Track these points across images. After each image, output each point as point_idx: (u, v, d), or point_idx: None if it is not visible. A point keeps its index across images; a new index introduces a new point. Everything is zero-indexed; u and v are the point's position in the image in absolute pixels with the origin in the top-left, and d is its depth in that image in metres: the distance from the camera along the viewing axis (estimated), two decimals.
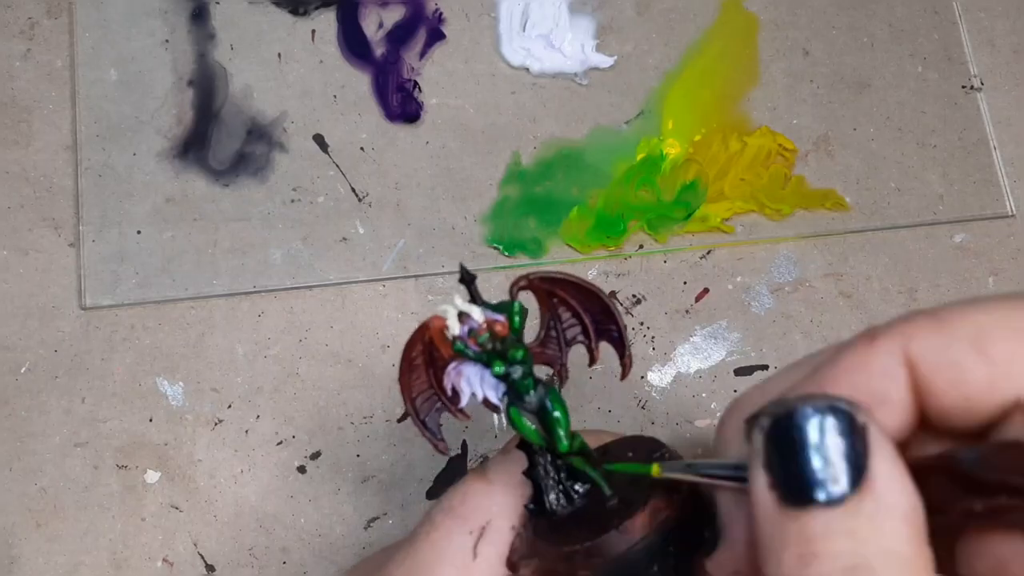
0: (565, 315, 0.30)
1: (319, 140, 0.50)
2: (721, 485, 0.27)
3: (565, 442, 0.28)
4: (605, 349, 0.30)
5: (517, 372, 0.28)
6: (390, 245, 0.49)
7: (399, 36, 0.51)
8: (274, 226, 0.49)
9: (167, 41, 0.51)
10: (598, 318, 0.30)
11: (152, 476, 0.45)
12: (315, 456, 0.46)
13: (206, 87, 0.50)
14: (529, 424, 0.28)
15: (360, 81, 0.51)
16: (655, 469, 0.28)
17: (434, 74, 0.51)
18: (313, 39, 0.51)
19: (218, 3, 0.51)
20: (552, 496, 0.29)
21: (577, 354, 0.31)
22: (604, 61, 0.52)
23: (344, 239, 0.49)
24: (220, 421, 0.46)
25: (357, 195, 0.49)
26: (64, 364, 0.46)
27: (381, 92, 0.51)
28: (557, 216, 0.50)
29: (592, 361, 0.30)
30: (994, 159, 0.52)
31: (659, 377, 0.48)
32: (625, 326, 0.30)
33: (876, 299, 0.49)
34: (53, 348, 0.47)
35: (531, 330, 0.29)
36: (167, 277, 0.48)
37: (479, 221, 0.49)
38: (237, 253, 0.48)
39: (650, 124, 0.51)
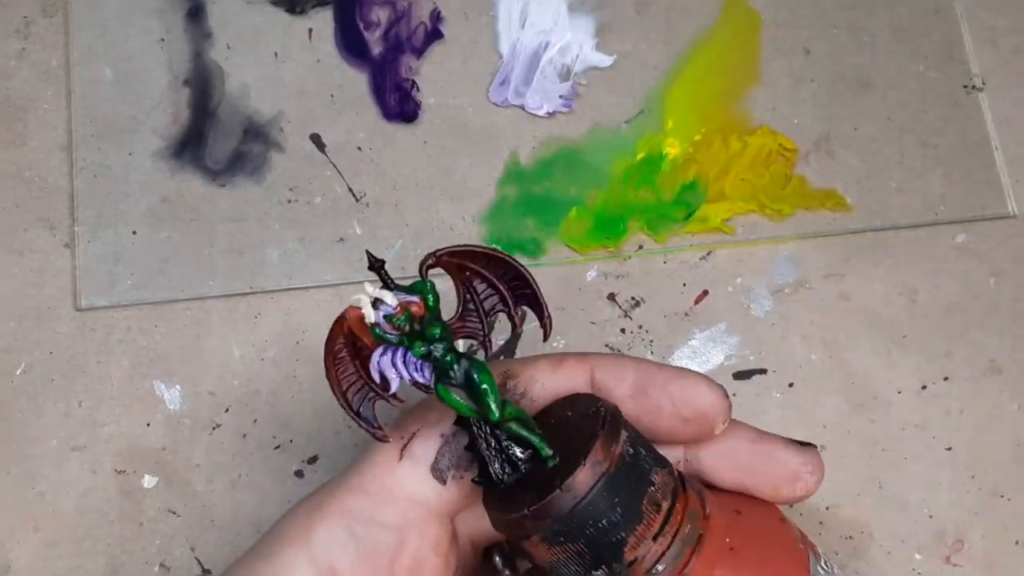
0: (480, 287, 0.30)
1: (316, 140, 0.50)
2: None
3: (496, 411, 0.29)
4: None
5: (438, 350, 0.28)
6: (388, 246, 0.48)
7: (397, 35, 0.51)
8: (271, 226, 0.48)
9: (163, 40, 0.50)
10: (512, 284, 0.30)
11: (150, 481, 0.45)
12: (312, 460, 0.46)
13: (202, 86, 0.50)
14: (459, 398, 0.29)
15: (357, 80, 0.50)
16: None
17: (432, 73, 0.51)
18: (310, 38, 0.51)
19: (214, 2, 0.51)
20: (496, 466, 0.29)
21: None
22: (603, 60, 0.51)
23: (341, 239, 0.48)
24: (218, 426, 0.46)
25: (354, 195, 0.49)
26: (60, 366, 0.46)
27: (379, 91, 0.50)
28: (556, 216, 0.49)
29: (514, 327, 0.30)
30: (995, 159, 0.51)
31: None
32: (538, 286, 0.29)
33: (877, 300, 0.49)
34: (49, 350, 0.46)
35: (451, 306, 0.30)
36: (163, 278, 0.47)
37: (477, 221, 0.49)
38: (234, 253, 0.48)
39: (650, 123, 0.51)
